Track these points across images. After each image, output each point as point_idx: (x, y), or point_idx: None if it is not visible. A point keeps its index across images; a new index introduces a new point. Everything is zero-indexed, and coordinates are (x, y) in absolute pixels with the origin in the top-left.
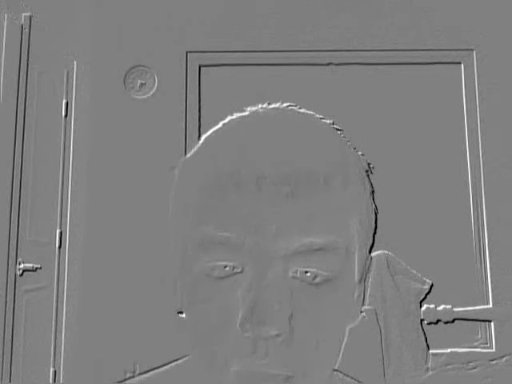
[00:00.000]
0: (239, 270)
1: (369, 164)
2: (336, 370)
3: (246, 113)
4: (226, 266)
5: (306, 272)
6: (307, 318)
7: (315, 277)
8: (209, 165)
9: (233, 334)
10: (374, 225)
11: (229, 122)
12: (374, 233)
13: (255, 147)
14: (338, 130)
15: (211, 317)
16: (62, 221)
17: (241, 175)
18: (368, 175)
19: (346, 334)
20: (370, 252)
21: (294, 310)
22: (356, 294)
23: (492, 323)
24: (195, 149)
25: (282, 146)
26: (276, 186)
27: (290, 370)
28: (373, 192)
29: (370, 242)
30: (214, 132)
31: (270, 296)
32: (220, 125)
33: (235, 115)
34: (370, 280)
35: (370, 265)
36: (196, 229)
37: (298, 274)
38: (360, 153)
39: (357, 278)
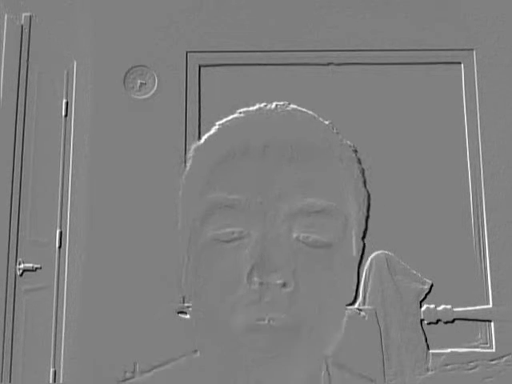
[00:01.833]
0: (245, 234)
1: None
2: (340, 369)
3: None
4: (233, 233)
5: (308, 237)
6: (309, 277)
7: (316, 242)
8: (218, 140)
9: (239, 290)
10: (366, 211)
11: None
12: (367, 218)
13: (261, 124)
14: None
15: (218, 276)
16: (62, 221)
17: (248, 144)
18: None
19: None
20: (363, 239)
21: (297, 266)
22: (353, 275)
23: (492, 323)
24: (206, 135)
25: (284, 124)
26: (279, 151)
27: (295, 321)
28: (364, 179)
29: (363, 227)
30: (222, 122)
31: (275, 251)
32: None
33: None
34: (370, 280)
35: (363, 251)
36: (206, 197)
37: (301, 238)
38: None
39: (354, 252)
